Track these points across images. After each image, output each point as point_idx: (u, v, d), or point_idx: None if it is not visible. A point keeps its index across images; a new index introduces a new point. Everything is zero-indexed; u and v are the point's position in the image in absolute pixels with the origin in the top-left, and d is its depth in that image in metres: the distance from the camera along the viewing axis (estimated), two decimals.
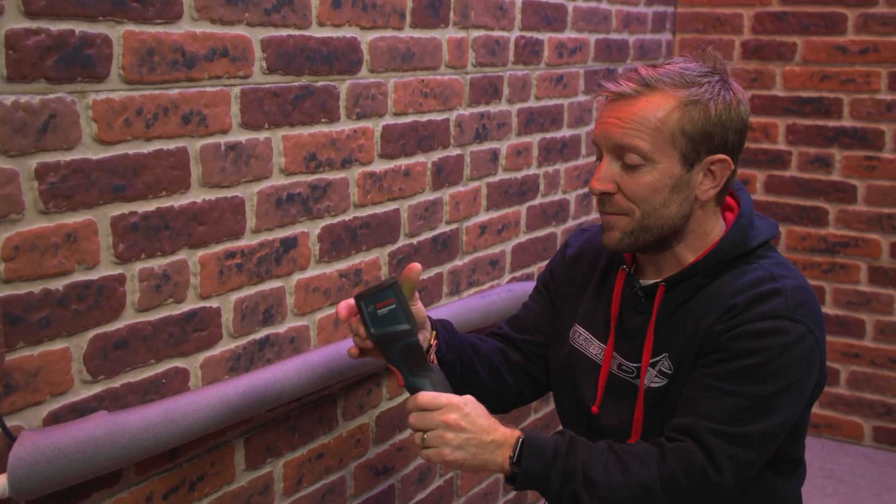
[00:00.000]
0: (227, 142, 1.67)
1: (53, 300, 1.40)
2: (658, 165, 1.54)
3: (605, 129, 1.57)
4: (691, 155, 1.55)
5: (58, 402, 1.43)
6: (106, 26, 1.43)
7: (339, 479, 2.09)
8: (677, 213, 1.57)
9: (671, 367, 1.60)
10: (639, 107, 1.54)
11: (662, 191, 1.55)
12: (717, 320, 1.54)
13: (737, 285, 1.56)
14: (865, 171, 3.44)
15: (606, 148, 1.57)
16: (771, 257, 1.62)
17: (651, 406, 1.62)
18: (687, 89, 1.55)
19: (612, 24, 3.09)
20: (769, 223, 1.68)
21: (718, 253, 1.60)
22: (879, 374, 3.52)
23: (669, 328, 1.61)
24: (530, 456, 1.48)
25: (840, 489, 3.27)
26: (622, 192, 1.56)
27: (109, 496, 1.55)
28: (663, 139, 1.53)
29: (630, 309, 1.67)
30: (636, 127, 1.53)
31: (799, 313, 1.52)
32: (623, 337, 1.68)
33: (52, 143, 1.37)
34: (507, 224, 2.64)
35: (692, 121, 1.54)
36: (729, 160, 1.58)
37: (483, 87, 2.43)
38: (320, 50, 1.85)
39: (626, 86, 1.55)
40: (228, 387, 1.66)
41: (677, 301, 1.61)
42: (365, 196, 2.03)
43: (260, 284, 1.79)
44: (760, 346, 1.49)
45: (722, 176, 1.59)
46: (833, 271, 3.56)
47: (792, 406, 1.52)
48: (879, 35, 3.36)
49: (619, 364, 1.67)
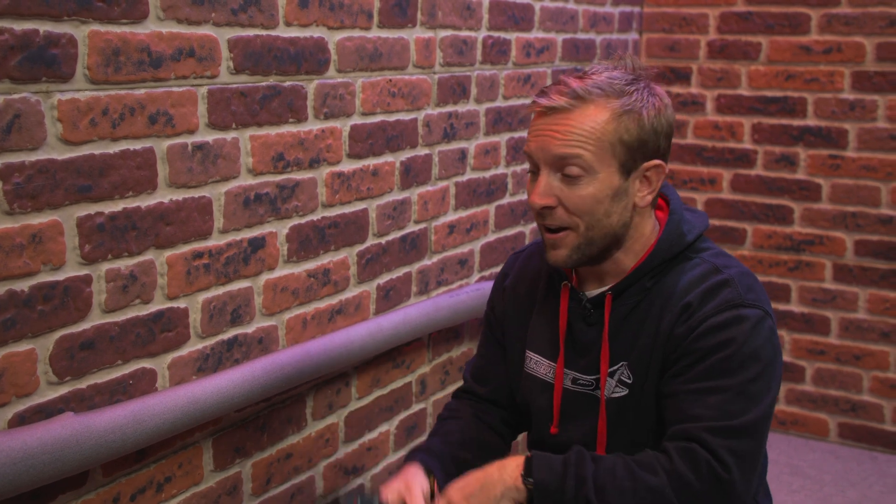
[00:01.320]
0: (194, 142, 1.67)
1: (19, 301, 1.39)
2: (598, 176, 1.53)
3: (543, 143, 1.54)
4: (629, 163, 1.55)
5: (23, 404, 1.43)
6: (71, 26, 1.42)
7: (308, 479, 2.09)
8: (618, 222, 1.57)
9: (630, 376, 1.60)
10: (575, 119, 1.53)
11: (604, 201, 1.54)
12: (676, 323, 1.55)
13: (684, 283, 1.57)
14: (830, 170, 3.48)
15: (544, 161, 1.55)
16: (708, 248, 1.64)
17: (614, 417, 1.61)
18: (618, 99, 1.54)
19: (579, 23, 3.11)
20: (699, 215, 1.69)
21: (658, 254, 1.60)
22: (844, 370, 3.56)
23: (624, 335, 1.61)
24: (540, 468, 1.49)
25: (806, 485, 3.31)
26: (563, 205, 1.54)
27: (76, 498, 1.54)
28: (603, 149, 1.52)
29: (580, 323, 1.66)
30: (575, 138, 1.52)
31: (750, 298, 1.54)
32: (576, 352, 1.67)
33: (16, 143, 1.36)
34: (476, 223, 2.65)
35: (628, 130, 1.54)
36: (663, 165, 1.59)
37: (451, 87, 2.44)
38: (287, 50, 1.85)
39: (558, 99, 1.53)
40: (196, 387, 1.66)
41: (626, 307, 1.61)
42: (333, 196, 2.03)
43: (228, 285, 1.78)
44: (726, 338, 1.51)
45: (658, 181, 1.59)
46: (798, 269, 3.60)
47: (772, 386, 1.53)
48: (843, 35, 3.40)
49: (574, 378, 1.67)
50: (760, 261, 3.64)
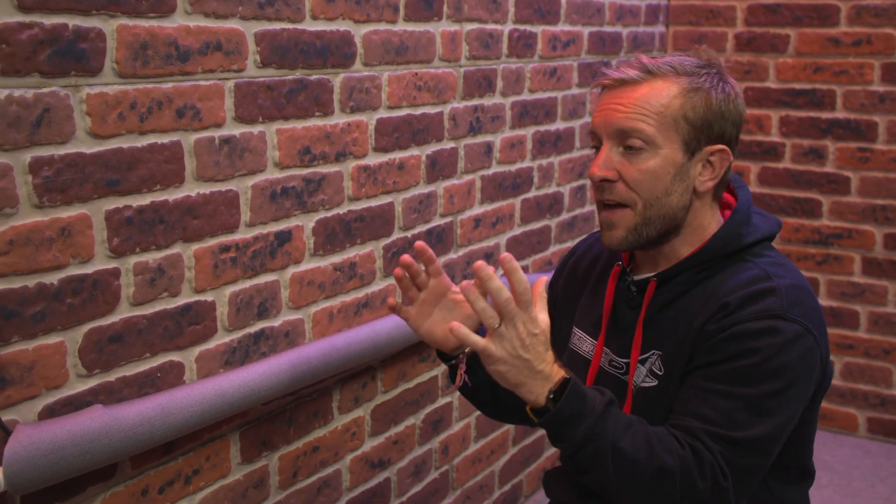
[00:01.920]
0: (221, 135, 1.67)
1: (48, 294, 1.40)
2: (661, 150, 1.52)
3: (606, 115, 1.54)
4: (692, 143, 1.53)
5: (53, 397, 1.44)
6: (99, 20, 1.43)
7: (335, 473, 2.10)
8: (678, 204, 1.55)
9: (662, 368, 1.57)
10: (642, 92, 1.53)
11: (664, 178, 1.53)
12: (709, 320, 1.51)
13: (730, 284, 1.53)
14: (859, 163, 3.45)
15: (607, 134, 1.54)
16: (768, 256, 1.59)
17: (641, 407, 1.58)
18: (688, 77, 1.55)
19: (605, 16, 3.09)
20: (769, 220, 1.65)
21: (711, 248, 1.57)
22: (873, 365, 3.53)
23: (660, 324, 1.59)
24: (569, 400, 1.39)
25: (834, 480, 3.28)
26: (623, 179, 1.53)
27: (105, 490, 1.55)
28: (666, 124, 1.52)
29: (623, 304, 1.65)
30: (639, 111, 1.52)
31: (794, 312, 1.47)
32: (616, 332, 1.65)
33: (46, 137, 1.37)
34: (502, 217, 2.64)
35: (694, 107, 1.53)
36: (728, 151, 1.56)
37: (477, 80, 2.43)
38: (314, 43, 1.85)
39: (627, 72, 1.55)
40: (223, 380, 1.66)
41: (669, 297, 1.58)
42: (359, 189, 2.03)
43: (254, 278, 1.79)
44: (754, 347, 1.45)
45: (721, 167, 1.57)
46: (826, 263, 3.56)
47: (790, 408, 1.47)
48: (872, 27, 3.37)
49: (611, 360, 1.65)
50: (788, 254, 3.61)
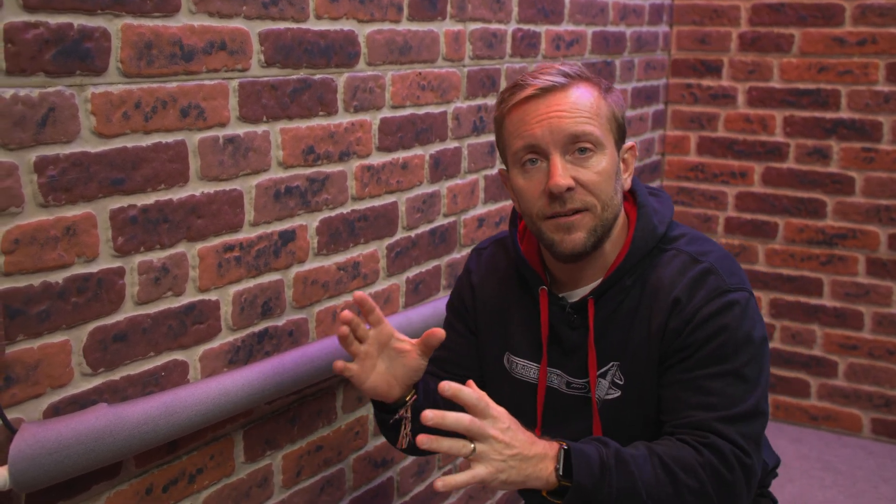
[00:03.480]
0: (225, 135, 1.67)
1: (53, 293, 1.41)
2: (606, 151, 1.53)
3: (552, 125, 1.50)
4: (619, 142, 1.57)
5: (58, 395, 1.44)
6: (104, 19, 1.43)
7: (338, 472, 2.10)
8: (619, 203, 1.57)
9: (622, 377, 1.58)
10: (574, 96, 1.51)
11: (612, 178, 1.54)
12: (669, 318, 1.53)
13: (667, 277, 1.55)
14: (863, 163, 3.45)
15: (555, 143, 1.50)
16: (681, 236, 1.61)
17: (609, 419, 1.59)
18: (594, 80, 1.56)
19: (609, 16, 3.09)
20: (665, 200, 1.67)
21: (635, 252, 1.57)
22: (877, 365, 3.52)
23: (611, 336, 1.59)
24: (580, 468, 1.39)
25: (838, 481, 3.28)
26: (581, 184, 1.51)
27: (109, 488, 1.55)
28: (604, 124, 1.53)
29: (563, 327, 1.63)
30: (583, 114, 1.50)
31: (734, 282, 1.54)
32: (561, 353, 1.64)
33: (51, 137, 1.37)
34: (505, 217, 2.64)
35: (617, 107, 1.56)
36: (635, 147, 1.61)
37: (480, 80, 2.43)
38: (318, 43, 1.86)
39: (551, 79, 1.52)
40: (227, 379, 1.67)
41: (609, 308, 1.59)
42: (363, 189, 2.04)
43: (258, 277, 1.79)
44: (720, 325, 1.50)
45: (632, 163, 1.61)
46: (831, 263, 3.56)
47: (764, 364, 1.54)
48: (877, 26, 3.36)
49: (568, 382, 1.64)
50: (792, 255, 3.61)
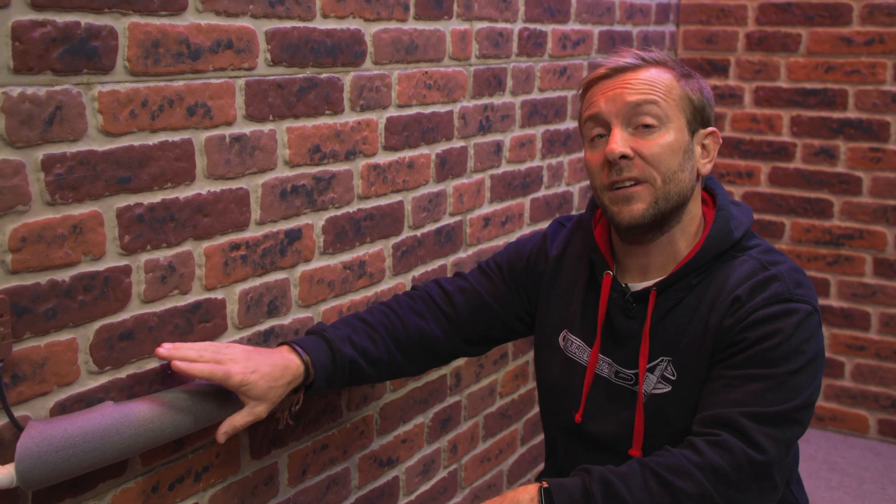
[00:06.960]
0: (231, 133, 1.68)
1: (60, 291, 1.41)
2: (672, 126, 1.55)
3: (615, 95, 1.56)
4: (693, 124, 1.58)
5: (64, 393, 1.44)
6: (111, 18, 1.44)
7: (344, 471, 2.10)
8: (688, 183, 1.58)
9: (674, 372, 1.58)
10: (645, 73, 1.57)
11: (678, 153, 1.55)
12: (725, 316, 1.54)
13: (733, 280, 1.57)
14: (871, 163, 3.44)
15: (617, 114, 1.55)
16: (756, 246, 1.63)
17: (653, 413, 1.60)
18: (674, 66, 1.60)
19: (615, 15, 3.09)
20: (744, 209, 1.69)
21: (706, 251, 1.59)
22: (884, 366, 3.52)
23: (665, 330, 1.60)
24: (560, 499, 1.43)
25: (845, 482, 3.27)
26: (640, 156, 1.54)
27: (116, 486, 1.55)
28: (673, 101, 1.56)
29: (620, 315, 1.65)
30: (649, 88, 1.55)
31: (799, 293, 1.54)
32: (615, 342, 1.66)
33: (58, 135, 1.38)
34: (511, 216, 2.64)
35: (692, 90, 1.59)
36: (718, 133, 1.62)
37: (486, 79, 2.43)
38: (324, 42, 1.86)
39: (624, 61, 1.58)
40: None
41: (670, 303, 1.60)
42: (369, 188, 2.04)
43: (264, 276, 1.79)
44: (773, 329, 1.50)
45: (714, 150, 1.62)
46: (838, 263, 3.55)
47: (815, 379, 1.53)
48: (885, 26, 3.36)
49: (617, 371, 1.65)
50: (799, 255, 3.60)
